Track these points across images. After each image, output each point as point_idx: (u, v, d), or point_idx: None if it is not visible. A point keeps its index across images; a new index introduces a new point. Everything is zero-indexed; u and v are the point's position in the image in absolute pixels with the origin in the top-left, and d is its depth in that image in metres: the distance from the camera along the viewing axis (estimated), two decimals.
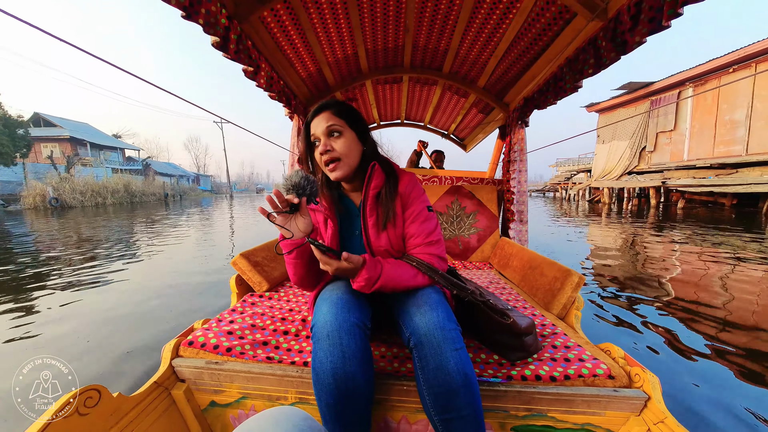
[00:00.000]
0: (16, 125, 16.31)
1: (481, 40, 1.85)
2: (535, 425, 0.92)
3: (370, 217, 0.96)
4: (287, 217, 0.85)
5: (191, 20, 1.08)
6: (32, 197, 15.70)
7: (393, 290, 0.88)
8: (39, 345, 2.12)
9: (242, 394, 0.98)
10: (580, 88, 1.59)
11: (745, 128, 10.03)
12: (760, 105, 9.61)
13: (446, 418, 0.75)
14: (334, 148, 0.91)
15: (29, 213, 13.53)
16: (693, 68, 11.28)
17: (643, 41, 1.14)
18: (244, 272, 1.50)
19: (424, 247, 0.96)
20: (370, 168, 0.96)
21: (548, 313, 1.35)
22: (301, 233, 0.86)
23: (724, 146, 10.77)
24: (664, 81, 12.46)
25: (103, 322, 2.46)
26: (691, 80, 11.58)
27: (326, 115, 0.92)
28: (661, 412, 0.81)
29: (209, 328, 1.10)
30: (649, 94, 13.33)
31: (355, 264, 0.80)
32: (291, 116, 2.32)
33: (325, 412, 0.76)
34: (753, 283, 3.30)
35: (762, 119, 9.60)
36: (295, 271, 0.94)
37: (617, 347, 1.01)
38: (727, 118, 10.65)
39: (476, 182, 2.71)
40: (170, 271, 4.02)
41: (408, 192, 0.99)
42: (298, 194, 0.83)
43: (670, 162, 12.60)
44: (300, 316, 1.25)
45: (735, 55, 9.90)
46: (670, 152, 12.74)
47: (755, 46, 9.38)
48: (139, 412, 0.86)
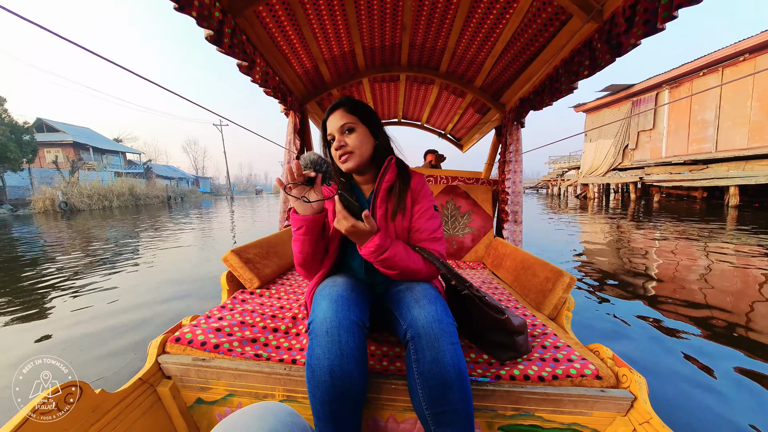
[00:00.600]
0: (23, 131, 16.93)
1: (478, 39, 1.85)
2: (522, 425, 0.92)
3: (379, 208, 0.99)
4: (302, 189, 0.87)
5: (184, 12, 1.07)
6: (42, 201, 16.19)
7: (393, 268, 0.90)
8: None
9: (229, 392, 0.97)
10: (575, 89, 1.59)
11: (714, 127, 10.98)
12: (727, 106, 10.54)
13: (438, 411, 0.75)
14: (347, 143, 0.97)
15: (39, 217, 13.68)
16: (669, 71, 12.10)
17: (637, 43, 1.14)
18: (235, 269, 1.48)
19: (428, 243, 0.99)
20: (387, 161, 1.01)
21: (539, 313, 1.35)
22: (311, 209, 0.88)
23: (696, 144, 11.67)
24: (643, 83, 13.26)
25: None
26: (666, 83, 12.45)
27: (340, 113, 0.97)
28: (646, 412, 0.82)
29: (197, 324, 1.09)
30: (630, 96, 14.13)
31: (371, 227, 0.83)
32: (287, 113, 2.30)
33: (318, 409, 0.76)
34: (727, 276, 3.49)
35: (729, 119, 10.50)
36: (301, 248, 0.92)
37: (606, 348, 1.01)
38: (699, 118, 11.53)
39: (471, 182, 2.71)
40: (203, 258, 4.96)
41: (419, 189, 1.04)
42: (315, 170, 0.87)
43: (650, 159, 13.48)
44: (290, 314, 1.24)
45: (704, 60, 10.74)
46: (650, 150, 13.59)
47: (720, 52, 10.28)
48: (123, 409, 0.84)
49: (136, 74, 1.19)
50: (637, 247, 5.01)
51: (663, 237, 5.69)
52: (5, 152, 15.84)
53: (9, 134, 16.04)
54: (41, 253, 5.56)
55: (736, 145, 10.38)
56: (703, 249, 4.68)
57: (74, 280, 3.77)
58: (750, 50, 9.52)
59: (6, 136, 15.81)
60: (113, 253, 5.34)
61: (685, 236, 5.66)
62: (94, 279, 3.79)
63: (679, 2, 0.95)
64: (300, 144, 2.37)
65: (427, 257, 0.94)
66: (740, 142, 10.26)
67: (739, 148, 10.23)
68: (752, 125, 9.93)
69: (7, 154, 15.87)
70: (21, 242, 6.98)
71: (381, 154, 1.03)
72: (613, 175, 14.98)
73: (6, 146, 15.71)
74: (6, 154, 15.84)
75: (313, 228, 0.89)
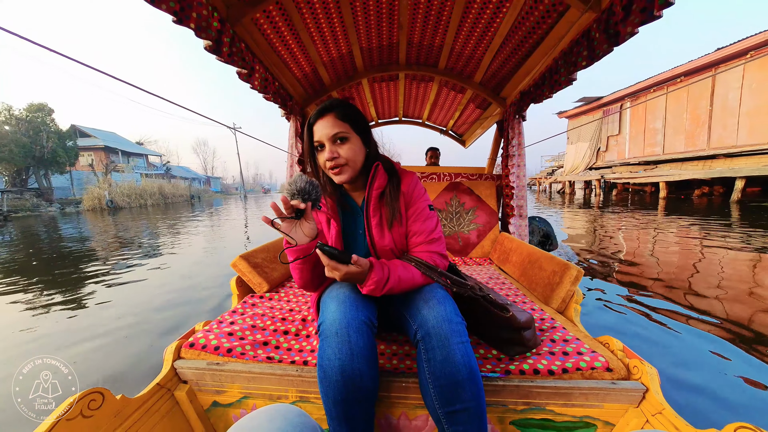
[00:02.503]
0: (66, 137, 19.05)
1: (476, 35, 1.84)
2: (533, 419, 0.92)
3: (373, 217, 0.97)
4: (292, 223, 0.83)
5: (183, 25, 1.09)
6: (91, 200, 18.11)
7: (399, 291, 0.88)
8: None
9: (244, 394, 0.99)
10: (574, 80, 1.58)
11: (662, 134, 13.60)
12: (670, 117, 13.19)
13: (451, 410, 0.75)
14: (339, 155, 0.91)
15: (89, 214, 15.16)
16: (630, 87, 14.67)
17: (635, 32, 1.13)
18: (244, 274, 1.51)
19: (426, 245, 0.97)
20: (373, 168, 0.96)
21: (547, 307, 1.35)
22: (306, 238, 0.85)
23: (650, 147, 14.24)
24: (610, 96, 15.89)
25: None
26: (628, 96, 15.01)
27: (330, 120, 0.90)
28: (659, 403, 0.82)
29: (210, 329, 1.11)
30: (601, 105, 16.85)
31: (363, 267, 0.80)
32: (287, 117, 2.32)
33: (331, 408, 0.77)
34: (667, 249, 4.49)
35: (671, 128, 13.16)
36: (300, 276, 0.92)
37: (616, 340, 1.01)
38: (652, 126, 14.08)
39: (475, 178, 2.70)
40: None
41: (410, 191, 1.00)
42: (304, 199, 0.81)
43: (617, 160, 16.19)
44: (300, 316, 1.26)
45: (653, 80, 13.38)
46: (617, 152, 16.29)
47: (666, 73, 12.78)
48: (143, 414, 0.87)
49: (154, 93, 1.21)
50: (581, 224, 7.01)
51: (615, 220, 7.49)
52: (56, 157, 17.90)
53: (58, 141, 18.10)
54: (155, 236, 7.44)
55: (677, 149, 12.95)
56: (634, 226, 6.39)
57: (187, 245, 6.02)
58: (684, 73, 12.16)
59: (56, 143, 17.86)
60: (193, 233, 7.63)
61: (624, 219, 7.63)
62: (200, 243, 6.20)
63: None
64: (302, 147, 2.39)
65: (425, 272, 0.90)
66: (679, 147, 12.88)
67: (678, 152, 12.88)
68: (687, 134, 12.49)
69: (57, 159, 17.96)
70: (120, 229, 8.80)
71: (372, 161, 0.99)
72: (584, 173, 17.98)
73: (56, 152, 17.80)
74: (56, 158, 17.94)
75: (310, 257, 0.87)
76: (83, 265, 4.41)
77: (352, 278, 0.81)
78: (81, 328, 2.40)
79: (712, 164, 11.32)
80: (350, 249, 1.02)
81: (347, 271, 0.79)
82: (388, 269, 0.85)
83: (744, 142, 10.40)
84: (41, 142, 17.18)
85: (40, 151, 17.15)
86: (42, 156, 17.30)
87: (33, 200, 16.34)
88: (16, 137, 16.33)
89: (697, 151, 11.95)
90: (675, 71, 12.25)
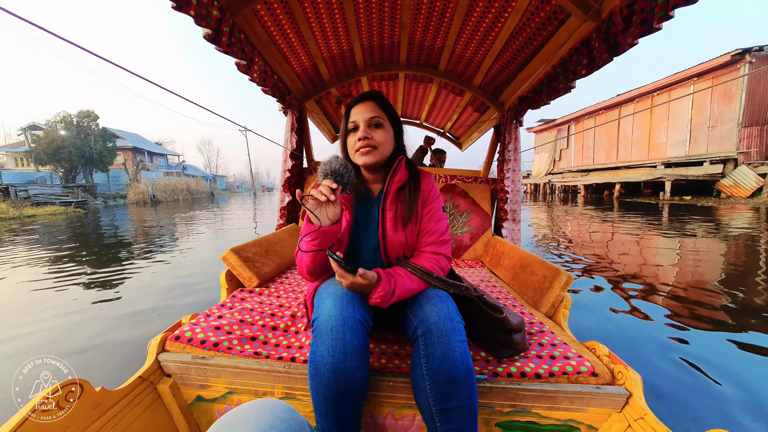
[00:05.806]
0: (107, 139, 22.02)
1: (477, 38, 1.85)
2: (519, 421, 0.93)
3: (389, 211, 0.98)
4: (319, 203, 0.83)
5: (182, 11, 1.07)
6: (136, 194, 21.61)
7: (405, 299, 0.90)
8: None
9: (229, 389, 0.98)
10: (573, 88, 1.60)
11: (592, 150, 19.77)
12: (597, 138, 19.25)
13: (446, 407, 0.76)
14: (372, 137, 0.95)
15: (134, 206, 17.79)
16: (574, 113, 20.48)
17: (635, 43, 1.14)
18: (234, 267, 1.49)
19: (436, 246, 0.99)
20: (397, 161, 1.00)
21: (537, 311, 1.36)
22: (329, 221, 0.85)
23: (586, 159, 20.39)
24: (562, 118, 21.83)
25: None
26: (573, 120, 20.86)
27: (371, 105, 0.96)
28: (641, 408, 0.83)
29: (197, 323, 1.09)
30: (556, 125, 22.90)
31: (370, 280, 0.82)
32: (285, 111, 2.30)
33: (321, 405, 0.76)
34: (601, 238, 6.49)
35: (598, 146, 19.24)
36: (313, 258, 0.89)
37: (602, 345, 1.03)
38: (587, 143, 20.18)
39: (470, 181, 2.72)
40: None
41: (428, 190, 1.03)
42: (336, 181, 0.82)
43: (567, 168, 22.08)
44: (289, 312, 1.25)
45: (589, 109, 19.03)
46: (566, 161, 22.40)
47: (596, 105, 18.40)
48: (123, 407, 0.85)
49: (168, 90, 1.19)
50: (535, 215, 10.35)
51: (553, 211, 11.04)
52: (101, 157, 21.01)
53: (102, 143, 21.16)
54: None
55: (600, 161, 19.04)
56: (561, 217, 9.42)
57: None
58: (604, 108, 18.03)
59: (101, 144, 20.98)
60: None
61: (559, 211, 11.37)
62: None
63: (675, 2, 0.96)
64: (297, 142, 2.37)
65: (427, 279, 0.92)
66: (601, 159, 18.97)
67: (601, 163, 18.88)
68: (606, 151, 18.59)
69: (102, 158, 21.11)
70: (196, 221, 10.54)
71: (395, 157, 1.02)
72: (541, 178, 24.36)
73: (102, 152, 20.97)
74: (102, 158, 21.09)
75: (328, 239, 0.87)
76: (194, 227, 8.16)
77: (358, 289, 0.83)
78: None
79: (617, 173, 17.04)
80: (361, 240, 1.03)
81: (353, 281, 0.81)
82: (395, 282, 0.86)
83: (635, 158, 16.52)
84: (90, 144, 20.19)
85: (89, 152, 20.13)
86: (90, 156, 20.30)
87: (81, 194, 18.60)
88: (72, 140, 19.24)
89: (610, 163, 18.13)
90: (598, 105, 18.21)
